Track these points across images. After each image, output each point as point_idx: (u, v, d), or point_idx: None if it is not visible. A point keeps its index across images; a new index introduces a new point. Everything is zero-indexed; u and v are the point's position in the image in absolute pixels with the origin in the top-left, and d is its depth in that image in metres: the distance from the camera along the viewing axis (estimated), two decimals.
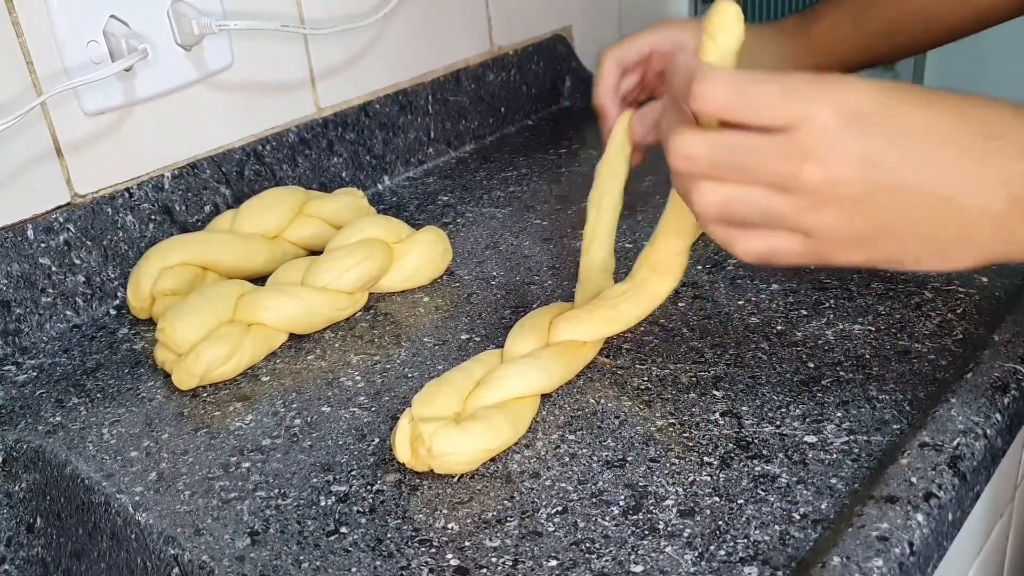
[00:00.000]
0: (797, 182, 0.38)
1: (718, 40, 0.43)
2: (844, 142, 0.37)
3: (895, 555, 0.38)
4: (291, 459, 0.50)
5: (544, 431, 0.50)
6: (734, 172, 0.39)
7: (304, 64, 0.80)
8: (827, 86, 0.38)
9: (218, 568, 0.43)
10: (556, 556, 0.42)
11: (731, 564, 0.40)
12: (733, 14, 0.43)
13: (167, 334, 0.57)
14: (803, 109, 0.37)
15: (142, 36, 0.65)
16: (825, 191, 0.38)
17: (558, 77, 1.05)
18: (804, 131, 0.37)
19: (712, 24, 0.44)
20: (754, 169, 0.39)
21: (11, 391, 0.59)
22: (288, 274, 0.63)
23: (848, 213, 0.38)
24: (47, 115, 0.64)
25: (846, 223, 0.38)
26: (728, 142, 0.39)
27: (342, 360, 0.59)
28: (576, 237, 0.73)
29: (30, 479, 0.55)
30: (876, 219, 0.38)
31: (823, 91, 0.38)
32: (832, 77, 0.38)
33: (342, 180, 0.83)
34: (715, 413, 0.50)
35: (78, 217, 0.66)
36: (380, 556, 0.43)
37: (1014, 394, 0.48)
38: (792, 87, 0.38)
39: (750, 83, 0.38)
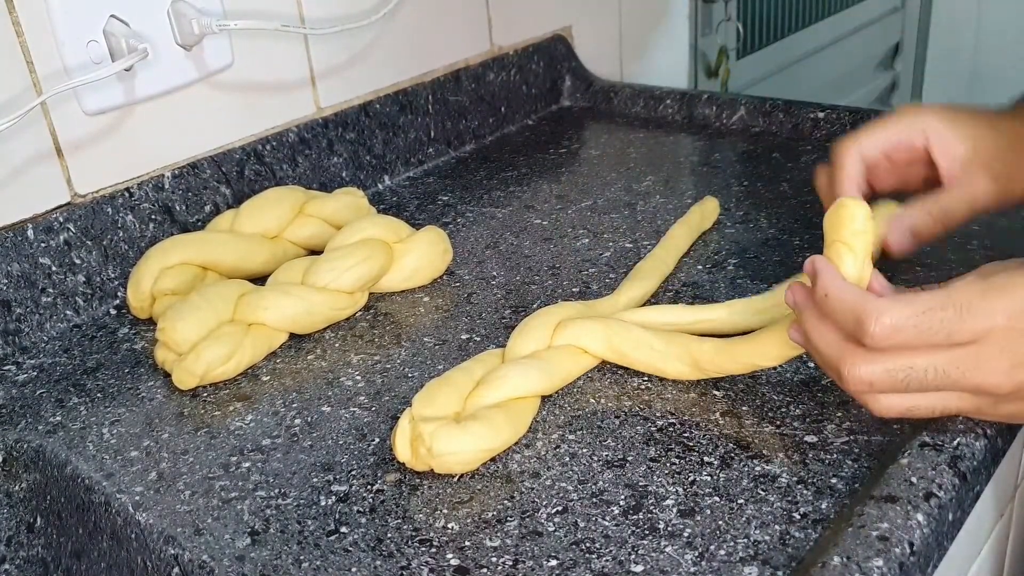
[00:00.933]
0: (981, 389, 0.40)
1: (855, 247, 0.43)
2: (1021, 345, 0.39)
3: (895, 555, 0.38)
4: (291, 459, 0.50)
5: (544, 431, 0.50)
6: (914, 386, 0.41)
7: (304, 64, 0.80)
8: (998, 296, 0.39)
9: (218, 568, 0.43)
10: (556, 556, 0.42)
11: (731, 564, 0.40)
12: (864, 217, 0.43)
13: (167, 334, 0.57)
14: (980, 325, 0.39)
15: (142, 36, 0.65)
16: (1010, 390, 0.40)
17: (558, 77, 1.05)
18: (985, 344, 0.39)
19: (844, 230, 0.43)
20: (938, 383, 0.40)
21: (11, 391, 0.59)
22: (288, 274, 0.63)
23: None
24: (47, 115, 0.64)
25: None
26: (906, 363, 0.41)
27: (342, 360, 0.59)
28: (576, 236, 0.73)
29: (30, 479, 0.55)
30: None
31: (996, 302, 0.39)
32: (999, 282, 0.40)
33: (342, 180, 0.83)
34: (715, 413, 0.50)
35: (78, 217, 0.66)
36: (380, 556, 0.43)
37: None
38: (966, 305, 0.39)
39: (923, 313, 0.40)
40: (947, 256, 0.62)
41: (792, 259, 0.65)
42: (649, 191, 0.80)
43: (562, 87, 1.06)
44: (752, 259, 0.66)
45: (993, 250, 0.63)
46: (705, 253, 0.68)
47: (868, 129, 0.57)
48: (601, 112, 1.03)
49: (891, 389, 0.41)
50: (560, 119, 1.02)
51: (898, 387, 0.41)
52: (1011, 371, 0.39)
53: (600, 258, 0.69)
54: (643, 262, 0.64)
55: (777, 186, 0.78)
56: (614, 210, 0.77)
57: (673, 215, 0.73)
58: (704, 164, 0.87)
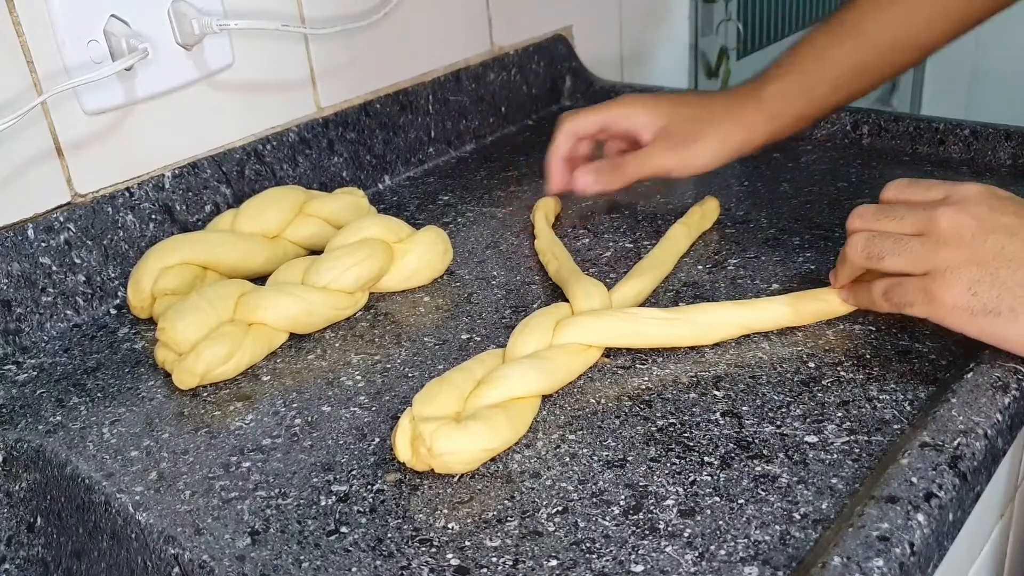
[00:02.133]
0: (933, 225, 0.49)
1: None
2: (978, 205, 0.49)
3: (896, 555, 0.38)
4: (291, 459, 0.50)
5: (544, 431, 0.50)
6: (890, 224, 0.51)
7: (305, 64, 0.80)
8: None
9: (218, 568, 0.43)
10: (556, 556, 0.42)
11: (731, 564, 0.40)
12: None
13: (167, 334, 0.57)
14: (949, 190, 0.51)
15: (143, 35, 0.65)
16: (950, 232, 0.49)
17: (558, 77, 1.05)
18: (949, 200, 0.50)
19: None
20: (904, 218, 0.51)
21: (11, 390, 0.59)
22: (288, 274, 0.63)
23: (965, 251, 0.48)
24: (47, 114, 0.64)
25: (962, 260, 0.48)
26: (887, 208, 0.52)
27: (342, 360, 0.59)
28: (577, 236, 0.73)
29: (30, 478, 0.55)
30: (985, 262, 0.48)
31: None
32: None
33: (343, 180, 0.83)
34: (715, 413, 0.50)
35: (78, 216, 0.66)
36: (380, 556, 0.43)
37: (1015, 394, 0.48)
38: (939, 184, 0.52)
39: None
40: None
41: (792, 259, 0.65)
42: (649, 191, 0.80)
43: (562, 87, 1.06)
44: (752, 259, 0.66)
45: None
46: (705, 253, 0.68)
47: (582, 113, 0.74)
48: None
49: (874, 222, 0.52)
50: None
51: (878, 223, 0.52)
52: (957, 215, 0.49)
53: (600, 258, 0.69)
54: (642, 261, 0.64)
55: (777, 186, 0.78)
56: (614, 210, 0.77)
57: (673, 215, 0.73)
58: None
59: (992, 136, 0.79)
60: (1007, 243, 0.48)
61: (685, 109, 0.72)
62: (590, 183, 0.73)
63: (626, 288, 0.60)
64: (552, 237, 0.69)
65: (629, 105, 0.73)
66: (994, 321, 0.48)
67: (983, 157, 0.79)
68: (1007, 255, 0.48)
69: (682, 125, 0.71)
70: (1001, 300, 0.48)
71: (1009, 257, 0.47)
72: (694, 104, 0.72)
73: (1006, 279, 0.47)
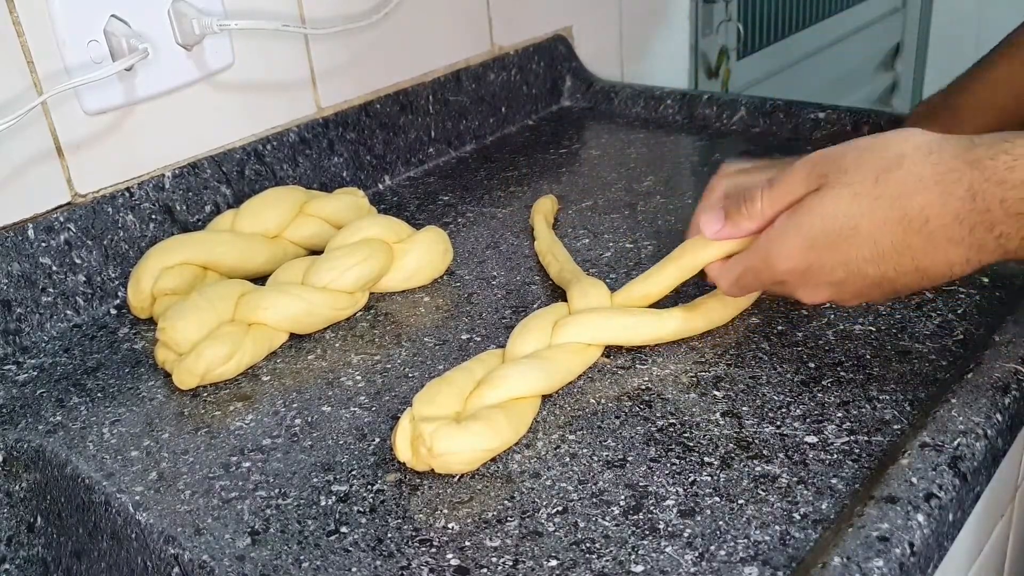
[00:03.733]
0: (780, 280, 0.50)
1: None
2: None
3: (895, 555, 0.38)
4: (291, 459, 0.50)
5: (544, 431, 0.50)
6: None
7: (305, 64, 0.80)
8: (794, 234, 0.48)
9: (218, 568, 0.43)
10: (556, 556, 0.42)
11: (731, 564, 0.40)
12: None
13: (168, 334, 0.57)
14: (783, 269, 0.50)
15: (143, 36, 0.65)
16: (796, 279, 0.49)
17: (559, 77, 1.05)
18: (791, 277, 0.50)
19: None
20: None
21: (12, 390, 0.59)
22: (288, 274, 0.63)
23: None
24: (47, 115, 0.64)
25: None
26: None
27: (343, 360, 0.59)
28: (577, 237, 0.73)
29: (30, 478, 0.55)
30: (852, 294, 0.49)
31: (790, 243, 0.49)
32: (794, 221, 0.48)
33: (343, 180, 0.83)
34: (715, 413, 0.50)
35: (79, 217, 0.66)
36: (380, 556, 0.43)
37: (1015, 395, 0.48)
38: (770, 257, 0.50)
39: (742, 274, 0.52)
40: None
41: None
42: (649, 191, 0.80)
43: (562, 87, 1.06)
44: None
45: None
46: None
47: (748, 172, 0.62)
48: (601, 112, 1.03)
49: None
50: (560, 119, 1.02)
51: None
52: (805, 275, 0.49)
53: (600, 258, 0.69)
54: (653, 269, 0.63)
55: None
56: (614, 210, 0.77)
57: (673, 215, 0.73)
58: (704, 164, 0.87)
59: None
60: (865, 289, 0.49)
61: None
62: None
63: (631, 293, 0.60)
64: (552, 238, 0.69)
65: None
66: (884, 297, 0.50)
67: None
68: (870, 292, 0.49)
69: None
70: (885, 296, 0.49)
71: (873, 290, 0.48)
72: None
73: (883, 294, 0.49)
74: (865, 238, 0.45)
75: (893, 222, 0.45)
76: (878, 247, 0.45)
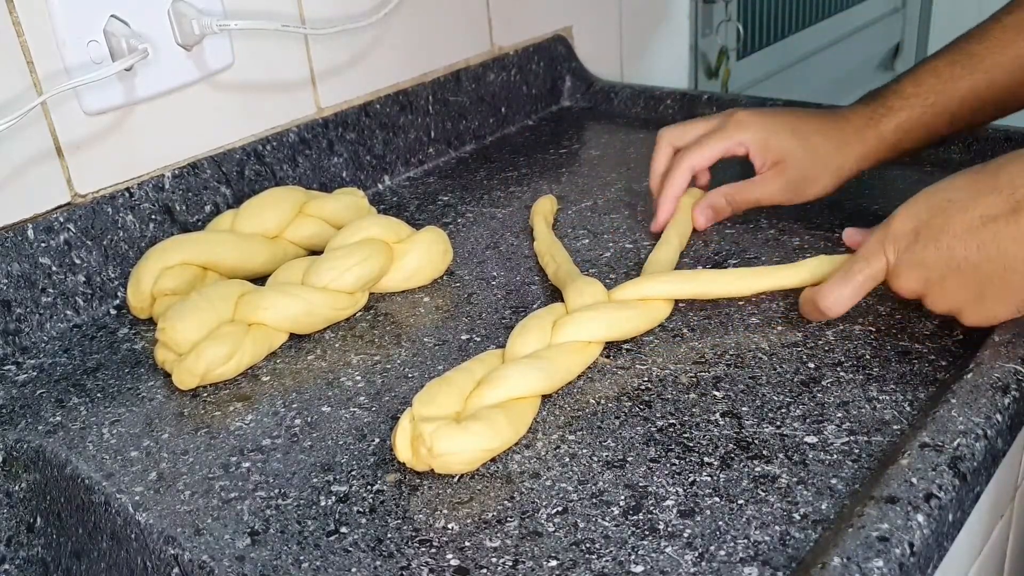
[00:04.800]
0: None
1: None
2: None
3: (895, 556, 0.38)
4: (291, 459, 0.50)
5: (544, 431, 0.50)
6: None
7: (305, 64, 0.80)
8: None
9: (218, 568, 0.43)
10: (556, 556, 0.42)
11: (731, 564, 0.40)
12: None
13: (167, 334, 0.57)
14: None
15: (143, 36, 0.65)
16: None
17: (558, 77, 1.05)
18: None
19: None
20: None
21: (11, 391, 0.59)
22: (288, 274, 0.63)
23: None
24: (47, 115, 0.64)
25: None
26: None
27: (342, 360, 0.59)
28: (577, 237, 0.73)
29: (30, 479, 0.55)
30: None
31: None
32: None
33: (342, 180, 0.83)
34: (715, 413, 0.50)
35: (78, 217, 0.66)
36: (380, 556, 0.43)
37: (1014, 395, 0.48)
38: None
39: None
40: None
41: (792, 259, 0.65)
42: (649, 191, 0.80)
43: (562, 87, 1.06)
44: (752, 259, 0.66)
45: None
46: (705, 253, 0.68)
47: (701, 146, 0.70)
48: (601, 112, 1.03)
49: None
50: (560, 119, 1.02)
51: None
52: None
53: (600, 258, 0.69)
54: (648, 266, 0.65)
55: None
56: (614, 210, 0.77)
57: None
58: None
59: (992, 138, 0.79)
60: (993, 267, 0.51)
61: (801, 142, 0.69)
62: (710, 220, 0.71)
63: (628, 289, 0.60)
64: (551, 239, 0.69)
65: (746, 131, 0.69)
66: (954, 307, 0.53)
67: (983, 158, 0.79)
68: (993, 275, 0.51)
69: (799, 162, 0.68)
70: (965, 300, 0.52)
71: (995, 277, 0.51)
72: (811, 136, 0.69)
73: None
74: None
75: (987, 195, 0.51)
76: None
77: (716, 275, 0.61)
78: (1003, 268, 0.49)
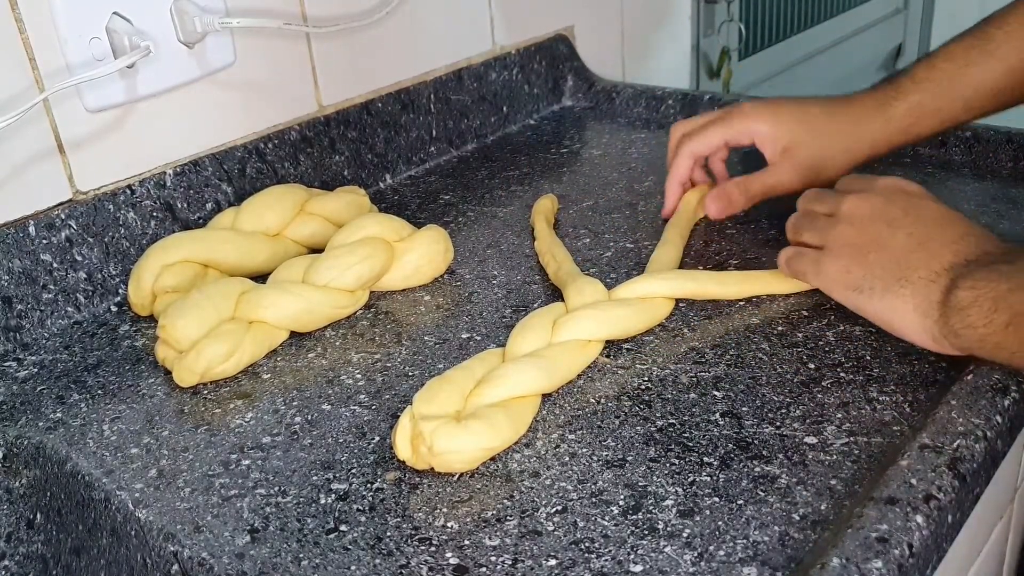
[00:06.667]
0: (838, 207, 0.56)
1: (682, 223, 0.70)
2: (878, 195, 0.56)
3: (894, 556, 0.38)
4: (291, 457, 0.50)
5: (544, 430, 0.50)
6: (815, 206, 0.59)
7: (306, 62, 0.80)
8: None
9: (218, 565, 0.43)
10: (555, 555, 0.42)
11: (730, 564, 0.40)
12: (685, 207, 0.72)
13: (168, 331, 0.57)
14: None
15: (145, 33, 0.65)
16: (848, 214, 0.56)
17: (560, 76, 1.05)
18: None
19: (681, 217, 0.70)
20: (824, 201, 0.59)
21: (12, 387, 0.59)
22: (289, 272, 0.63)
23: (853, 232, 0.55)
24: (49, 112, 0.64)
25: (847, 240, 0.55)
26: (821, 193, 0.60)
27: (343, 358, 0.59)
28: (578, 236, 0.73)
29: (30, 475, 0.55)
30: (863, 244, 0.54)
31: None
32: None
33: (344, 178, 0.83)
34: (715, 413, 0.50)
35: (80, 214, 0.66)
36: (380, 554, 0.43)
37: (1014, 396, 0.48)
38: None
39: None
40: None
41: None
42: (650, 191, 0.80)
43: (564, 87, 1.06)
44: (752, 259, 0.66)
45: None
46: (705, 253, 0.68)
47: (702, 132, 0.71)
48: (603, 112, 1.03)
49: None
50: (562, 119, 1.02)
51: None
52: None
53: (601, 258, 0.69)
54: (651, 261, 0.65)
55: None
56: (615, 210, 0.77)
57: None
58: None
59: (993, 139, 0.79)
60: (884, 231, 0.53)
61: (809, 126, 0.68)
62: (722, 210, 0.70)
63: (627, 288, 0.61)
64: (552, 238, 0.69)
65: (751, 120, 0.69)
66: (859, 297, 0.54)
67: (984, 160, 0.79)
68: (881, 241, 0.53)
69: (808, 146, 0.68)
70: (864, 280, 0.53)
71: (881, 244, 0.53)
72: (818, 118, 0.68)
73: (873, 262, 0.53)
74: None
75: None
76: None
77: (716, 275, 0.61)
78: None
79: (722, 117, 0.70)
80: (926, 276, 0.51)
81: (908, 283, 0.51)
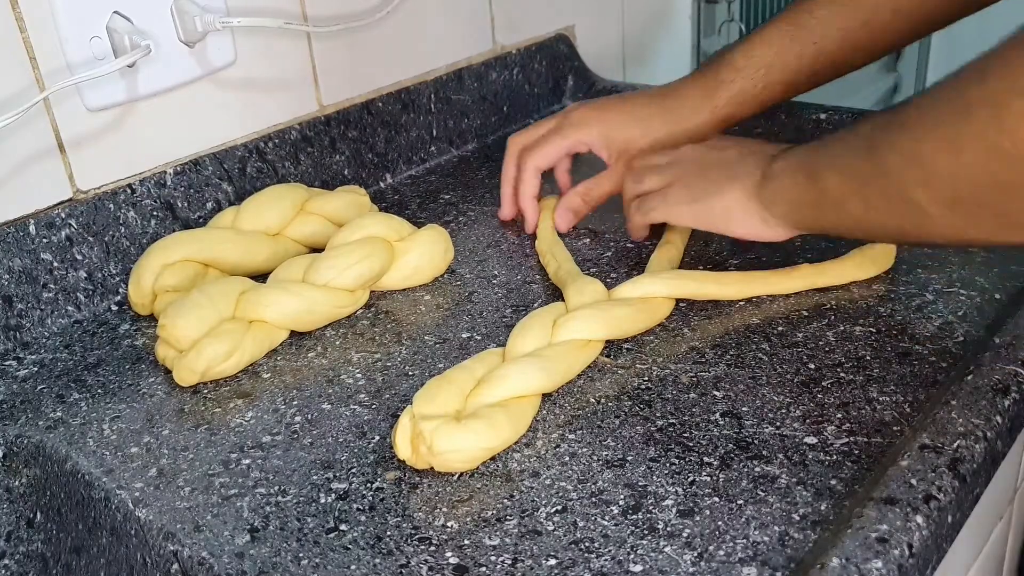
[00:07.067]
0: (677, 155, 0.66)
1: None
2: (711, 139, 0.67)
3: (894, 557, 0.38)
4: (291, 456, 0.50)
5: (544, 430, 0.50)
6: (653, 160, 0.68)
7: (307, 61, 0.80)
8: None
9: (217, 564, 0.43)
10: (555, 555, 0.42)
11: (730, 564, 0.40)
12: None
13: (168, 331, 0.57)
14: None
15: (145, 32, 0.65)
16: (685, 155, 0.66)
17: (560, 76, 1.05)
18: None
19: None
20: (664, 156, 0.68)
21: (12, 386, 0.59)
22: (289, 271, 0.63)
23: (691, 165, 0.64)
24: (49, 111, 0.64)
25: (687, 171, 0.64)
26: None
27: (343, 358, 0.59)
28: (578, 236, 0.73)
29: (30, 474, 0.55)
30: (701, 168, 0.63)
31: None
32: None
33: (344, 178, 0.83)
34: (715, 413, 0.50)
35: (80, 213, 0.66)
36: (379, 554, 0.43)
37: (1014, 397, 0.48)
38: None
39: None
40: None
41: (793, 260, 0.65)
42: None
43: (564, 87, 1.06)
44: (753, 259, 0.66)
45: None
46: (706, 253, 0.68)
47: (541, 146, 0.74)
48: None
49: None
50: None
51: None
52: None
53: (601, 258, 0.69)
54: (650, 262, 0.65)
55: None
56: (616, 210, 0.77)
57: None
58: None
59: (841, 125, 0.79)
60: (717, 155, 0.62)
61: (639, 123, 0.72)
62: (570, 222, 0.73)
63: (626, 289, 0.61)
64: (553, 238, 0.70)
65: (583, 130, 0.73)
66: (701, 205, 0.60)
67: None
68: (715, 160, 0.62)
69: (639, 142, 0.72)
70: (704, 190, 0.60)
71: (717, 162, 0.61)
72: (648, 113, 0.72)
73: (710, 175, 0.61)
74: None
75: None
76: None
77: (716, 275, 0.61)
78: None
79: (556, 128, 0.74)
80: (752, 169, 0.58)
81: (737, 179, 0.59)
